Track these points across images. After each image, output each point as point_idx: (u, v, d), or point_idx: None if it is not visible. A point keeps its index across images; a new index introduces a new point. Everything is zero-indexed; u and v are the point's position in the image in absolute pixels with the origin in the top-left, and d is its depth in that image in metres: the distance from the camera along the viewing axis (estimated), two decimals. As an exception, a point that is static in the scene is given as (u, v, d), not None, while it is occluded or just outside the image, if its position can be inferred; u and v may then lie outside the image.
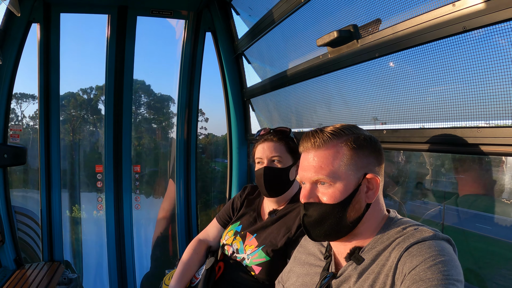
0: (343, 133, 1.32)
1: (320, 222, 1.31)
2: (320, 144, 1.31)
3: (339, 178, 1.28)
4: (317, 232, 1.35)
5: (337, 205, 1.28)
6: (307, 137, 1.35)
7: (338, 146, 1.30)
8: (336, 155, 1.29)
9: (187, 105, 4.26)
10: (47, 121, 3.79)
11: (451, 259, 1.12)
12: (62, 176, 3.94)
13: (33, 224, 4.19)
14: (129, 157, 4.13)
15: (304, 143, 1.36)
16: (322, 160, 1.30)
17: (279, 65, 3.27)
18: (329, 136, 1.31)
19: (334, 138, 1.31)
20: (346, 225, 1.30)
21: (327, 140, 1.30)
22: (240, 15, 3.81)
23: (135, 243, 4.23)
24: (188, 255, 2.35)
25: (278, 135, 2.18)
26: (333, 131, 1.32)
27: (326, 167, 1.29)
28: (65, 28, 3.72)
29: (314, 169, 1.30)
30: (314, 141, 1.32)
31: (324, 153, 1.30)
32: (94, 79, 4.53)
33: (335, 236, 1.34)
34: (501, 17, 1.29)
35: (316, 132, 1.34)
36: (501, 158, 2.33)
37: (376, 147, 1.35)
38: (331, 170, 1.28)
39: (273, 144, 2.16)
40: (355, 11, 2.15)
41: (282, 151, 2.15)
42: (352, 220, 1.30)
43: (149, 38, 4.44)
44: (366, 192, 1.31)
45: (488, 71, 1.45)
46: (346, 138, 1.31)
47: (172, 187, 4.52)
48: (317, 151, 1.31)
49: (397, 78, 1.97)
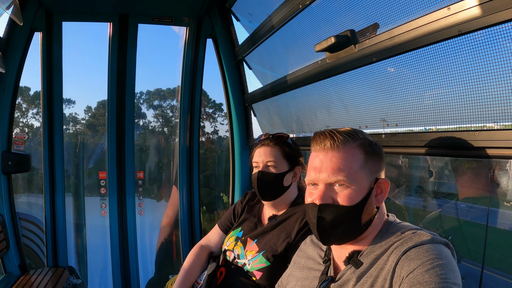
0: (358, 137, 1.32)
1: (336, 225, 1.28)
2: (340, 145, 1.29)
3: (355, 180, 1.27)
4: (330, 235, 1.31)
5: (354, 207, 1.27)
6: (323, 137, 1.32)
7: (354, 149, 1.30)
8: (353, 158, 1.29)
9: (189, 111, 4.28)
10: (50, 127, 3.83)
11: (449, 262, 1.12)
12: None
13: (37, 230, 4.21)
14: (132, 163, 4.14)
15: (318, 143, 1.33)
16: (340, 161, 1.28)
17: (280, 70, 3.28)
18: (346, 137, 1.30)
19: (351, 141, 1.30)
20: (360, 227, 1.29)
21: (344, 141, 1.29)
22: (240, 21, 3.83)
23: (139, 248, 4.24)
24: (190, 261, 2.36)
25: (275, 140, 2.19)
26: (349, 133, 1.32)
27: (344, 168, 1.27)
28: (67, 37, 3.76)
29: (332, 170, 1.28)
30: (332, 142, 1.30)
31: (342, 155, 1.29)
32: (96, 86, 4.55)
33: (348, 239, 1.33)
34: (496, 19, 1.30)
35: (332, 132, 1.32)
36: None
37: (382, 153, 1.37)
38: (349, 172, 1.27)
39: (269, 149, 2.16)
40: (353, 16, 2.16)
41: (277, 157, 2.15)
42: (365, 223, 1.29)
43: (151, 45, 4.47)
44: (376, 195, 1.32)
45: (484, 73, 1.45)
46: (361, 142, 1.32)
47: (175, 194, 4.53)
48: (334, 152, 1.29)
49: (394, 82, 1.97)
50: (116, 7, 3.74)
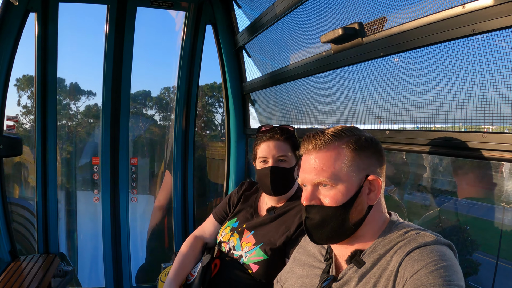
0: (344, 135, 1.31)
1: (323, 225, 1.30)
2: (322, 146, 1.30)
3: (341, 180, 1.27)
4: (319, 235, 1.34)
5: (339, 207, 1.27)
6: (308, 139, 1.34)
7: (339, 148, 1.29)
8: (337, 157, 1.29)
9: (185, 96, 4.23)
10: (43, 112, 3.75)
11: (452, 264, 1.12)
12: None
13: (29, 215, 4.17)
14: (126, 149, 4.10)
15: (305, 145, 1.35)
16: (324, 162, 1.29)
17: (280, 60, 3.24)
18: (330, 137, 1.30)
19: (335, 140, 1.30)
20: (348, 227, 1.29)
21: (328, 141, 1.30)
22: (241, 8, 3.78)
23: (130, 235, 4.22)
24: (184, 251, 2.33)
25: (284, 134, 2.15)
26: (334, 133, 1.32)
27: (327, 169, 1.28)
28: (63, 18, 3.66)
29: (315, 171, 1.30)
30: (315, 143, 1.31)
31: (326, 155, 1.30)
32: (92, 69, 4.46)
33: (337, 238, 1.33)
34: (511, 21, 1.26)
35: (317, 133, 1.34)
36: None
37: (377, 148, 1.35)
38: (332, 172, 1.27)
39: (280, 144, 2.13)
40: (360, 7, 2.13)
41: (288, 151, 2.13)
42: (354, 223, 1.29)
43: (149, 29, 4.38)
44: (368, 193, 1.30)
45: (496, 75, 1.43)
46: (348, 139, 1.31)
47: (168, 179, 4.49)
48: (318, 152, 1.31)
49: (402, 78, 1.94)
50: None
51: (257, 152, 2.19)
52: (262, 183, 2.18)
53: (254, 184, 2.43)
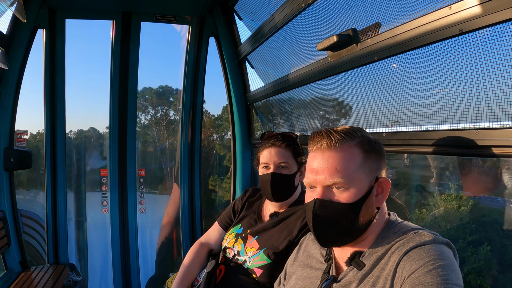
0: (356, 135, 1.28)
1: (333, 223, 1.25)
2: (336, 145, 1.24)
3: (354, 181, 1.24)
4: (327, 234, 1.29)
5: (352, 205, 1.23)
6: (319, 136, 1.28)
7: (352, 148, 1.26)
8: (351, 158, 1.25)
9: (191, 109, 4.29)
10: (52, 125, 3.83)
11: (450, 263, 1.11)
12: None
13: (38, 227, 4.22)
14: (134, 160, 4.15)
15: (315, 143, 1.29)
16: (337, 162, 1.24)
17: (281, 69, 3.28)
18: (343, 136, 1.25)
19: (348, 140, 1.26)
20: (358, 228, 1.26)
21: (342, 140, 1.25)
22: (242, 20, 3.84)
23: (139, 246, 4.25)
24: (190, 258, 2.37)
25: (286, 141, 2.17)
26: (346, 132, 1.27)
27: (342, 169, 1.23)
28: (70, 34, 3.77)
29: (329, 172, 1.24)
30: (328, 142, 1.25)
31: (340, 155, 1.24)
32: (99, 84, 4.55)
33: (346, 239, 1.30)
34: (497, 19, 1.30)
35: (329, 131, 1.28)
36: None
37: (382, 151, 1.33)
38: (347, 173, 1.23)
39: (281, 150, 2.15)
40: (355, 15, 2.16)
41: (289, 157, 2.15)
42: (364, 224, 1.26)
43: (154, 43, 4.47)
44: (376, 195, 1.28)
45: (486, 72, 1.46)
46: (359, 140, 1.27)
47: (176, 191, 4.54)
48: (331, 152, 1.25)
49: (396, 81, 1.97)
50: (119, 5, 3.74)
51: (260, 158, 2.22)
52: (263, 188, 2.20)
53: (258, 190, 2.45)
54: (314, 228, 1.29)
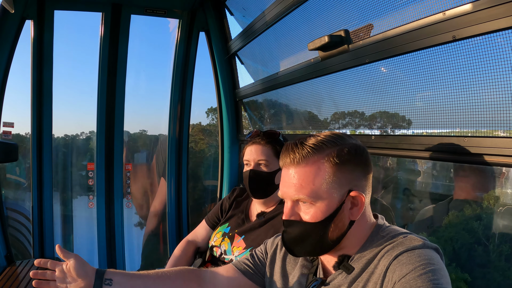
0: (325, 147, 1.23)
1: (301, 240, 1.27)
2: (300, 160, 1.22)
3: (321, 197, 1.21)
4: (298, 249, 1.31)
5: (318, 223, 1.22)
6: (287, 151, 1.27)
7: (319, 162, 1.22)
8: (317, 172, 1.21)
9: (179, 103, 4.26)
10: (39, 118, 3.77)
11: (440, 268, 1.12)
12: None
13: (24, 221, 4.17)
14: (121, 155, 4.12)
15: (283, 158, 1.28)
16: (303, 178, 1.22)
17: (272, 66, 3.27)
18: (309, 151, 1.22)
19: (315, 153, 1.22)
20: (328, 243, 1.25)
21: (307, 155, 1.22)
22: (234, 15, 3.81)
23: (125, 241, 4.24)
24: (177, 255, 2.37)
25: (267, 138, 2.18)
26: (314, 145, 1.23)
27: (306, 185, 1.22)
28: (58, 25, 3.70)
29: (294, 187, 1.23)
30: (293, 157, 1.24)
31: (304, 170, 1.22)
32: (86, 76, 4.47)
33: (317, 253, 1.33)
34: (490, 27, 1.30)
35: (296, 145, 1.25)
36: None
37: (362, 159, 1.27)
38: (312, 189, 1.21)
39: (261, 148, 2.16)
40: (347, 16, 2.15)
41: (269, 155, 2.15)
42: (334, 239, 1.25)
43: (143, 36, 4.41)
44: (350, 208, 1.25)
45: (477, 80, 1.46)
46: (328, 152, 1.22)
47: (163, 185, 4.52)
48: (297, 167, 1.24)
49: (386, 84, 1.98)
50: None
51: (243, 156, 2.25)
52: (245, 185, 2.22)
53: (245, 190, 2.46)
54: (284, 243, 1.34)
